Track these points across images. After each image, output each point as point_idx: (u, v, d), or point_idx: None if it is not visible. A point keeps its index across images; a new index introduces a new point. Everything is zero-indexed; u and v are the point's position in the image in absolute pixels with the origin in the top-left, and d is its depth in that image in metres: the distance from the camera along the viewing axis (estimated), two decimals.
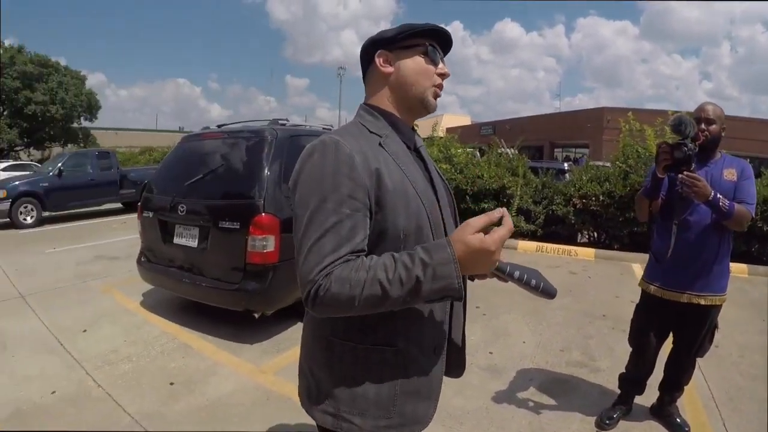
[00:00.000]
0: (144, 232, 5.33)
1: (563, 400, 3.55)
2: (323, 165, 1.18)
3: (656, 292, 2.93)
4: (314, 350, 1.38)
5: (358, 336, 1.28)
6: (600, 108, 33.74)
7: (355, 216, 1.16)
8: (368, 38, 1.39)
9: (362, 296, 1.09)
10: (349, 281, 1.09)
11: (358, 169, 1.17)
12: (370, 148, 1.25)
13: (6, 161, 27.89)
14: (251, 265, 4.28)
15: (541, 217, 9.36)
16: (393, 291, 1.08)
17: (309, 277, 1.12)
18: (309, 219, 1.16)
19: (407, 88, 1.35)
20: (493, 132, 35.97)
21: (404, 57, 1.34)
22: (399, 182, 1.24)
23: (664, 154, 2.56)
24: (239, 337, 4.65)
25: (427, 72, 1.35)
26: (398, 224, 1.22)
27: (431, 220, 1.28)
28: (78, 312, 5.43)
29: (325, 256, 1.11)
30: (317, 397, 1.36)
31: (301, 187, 1.21)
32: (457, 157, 10.64)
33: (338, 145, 1.20)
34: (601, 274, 7.21)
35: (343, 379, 1.30)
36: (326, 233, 1.13)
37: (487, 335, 4.74)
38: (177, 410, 3.42)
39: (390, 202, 1.21)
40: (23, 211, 12.07)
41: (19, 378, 3.89)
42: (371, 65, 1.39)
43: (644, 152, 8.61)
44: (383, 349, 1.28)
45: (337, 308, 1.12)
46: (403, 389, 1.29)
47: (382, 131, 1.33)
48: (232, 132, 5.14)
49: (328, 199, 1.15)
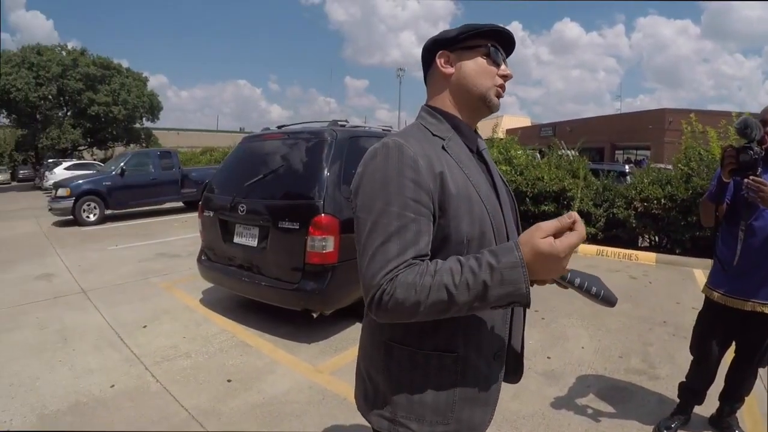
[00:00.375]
0: (204, 231, 5.43)
1: (621, 407, 3.45)
2: (386, 168, 1.16)
3: (720, 299, 2.82)
4: (372, 354, 1.36)
5: (417, 341, 1.25)
6: (661, 109, 32.90)
7: (419, 220, 1.13)
8: (430, 38, 1.36)
9: (428, 301, 1.05)
10: (415, 286, 1.05)
11: (422, 172, 1.15)
12: (433, 151, 1.22)
13: (70, 160, 29.01)
14: (310, 265, 4.30)
15: (602, 220, 9.13)
16: (459, 296, 1.04)
17: (373, 281, 1.09)
18: (373, 223, 1.14)
19: (469, 88, 1.32)
20: (553, 133, 35.47)
21: (466, 58, 1.31)
22: (463, 187, 1.21)
23: (730, 158, 2.48)
24: (297, 336, 4.69)
25: (488, 72, 1.32)
26: (461, 230, 1.19)
27: (494, 225, 1.24)
28: (139, 308, 5.60)
29: (389, 260, 1.09)
30: (374, 401, 1.35)
31: (364, 191, 1.19)
32: (518, 159, 10.56)
33: (402, 147, 1.17)
34: (662, 280, 6.99)
35: (400, 384, 1.28)
36: (391, 237, 1.11)
37: (545, 339, 4.65)
38: (233, 407, 3.46)
39: (453, 207, 1.18)
40: (86, 208, 12.59)
41: (80, 371, 4.01)
42: (432, 66, 1.36)
43: (707, 155, 8.34)
44: (442, 354, 1.25)
45: (401, 313, 1.09)
46: (461, 395, 1.27)
47: (445, 134, 1.30)
48: (292, 133, 5.18)
49: (393, 203, 1.13)
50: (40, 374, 3.94)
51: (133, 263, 7.97)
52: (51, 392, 3.64)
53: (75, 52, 36.33)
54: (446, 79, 1.33)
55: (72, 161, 28.32)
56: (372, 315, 1.15)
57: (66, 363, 4.15)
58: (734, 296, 2.75)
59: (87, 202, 12.65)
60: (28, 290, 6.37)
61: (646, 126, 32.63)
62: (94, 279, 6.92)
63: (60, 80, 34.01)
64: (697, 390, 3.12)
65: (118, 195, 13.29)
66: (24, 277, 7.11)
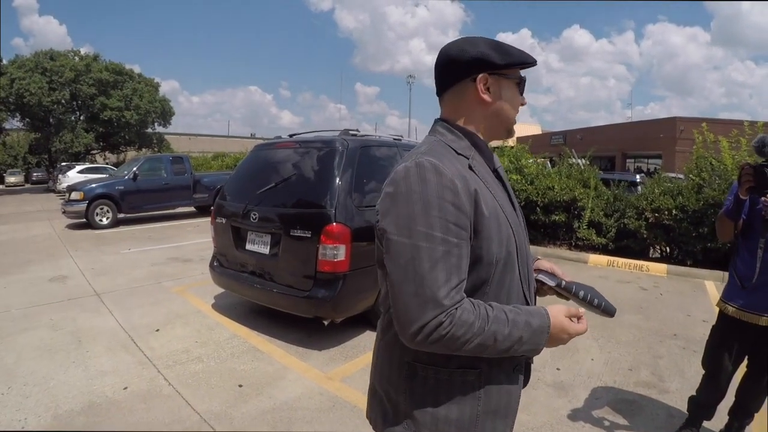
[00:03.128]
0: (217, 237, 5.48)
1: (630, 420, 3.45)
2: (426, 190, 1.13)
3: (734, 313, 2.81)
4: (391, 375, 1.34)
5: (443, 360, 1.24)
6: (673, 118, 32.69)
7: (461, 245, 1.14)
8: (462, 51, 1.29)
9: (476, 342, 1.12)
10: (472, 327, 1.11)
11: (461, 195, 1.14)
12: (465, 171, 1.21)
13: (83, 164, 29.25)
14: (322, 273, 4.33)
15: (613, 231, 9.10)
16: (501, 345, 1.15)
17: (425, 312, 1.09)
18: (416, 247, 1.12)
19: (502, 119, 1.33)
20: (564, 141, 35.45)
21: (505, 86, 1.31)
22: (492, 207, 1.21)
23: (747, 176, 2.47)
24: (308, 343, 4.72)
25: (517, 104, 1.35)
26: (492, 251, 1.20)
27: (518, 244, 1.27)
28: (151, 311, 5.65)
29: (439, 288, 1.09)
30: (394, 420, 1.33)
31: (400, 213, 1.16)
32: (528, 168, 10.54)
33: (438, 168, 1.15)
34: (672, 291, 6.96)
35: (424, 402, 1.27)
36: (437, 264, 1.10)
37: (555, 351, 4.60)
38: (244, 412, 3.49)
39: (486, 229, 1.18)
40: (99, 212, 12.72)
41: (93, 373, 4.07)
42: (463, 83, 1.30)
43: (718, 165, 8.28)
44: (466, 371, 1.25)
45: (448, 347, 1.12)
46: (484, 409, 1.27)
47: (468, 152, 1.28)
48: (303, 142, 5.22)
49: (436, 227, 1.11)
50: (54, 375, 4.00)
51: (146, 267, 8.03)
52: (65, 393, 3.70)
53: (88, 57, 36.76)
54: (482, 104, 1.31)
55: (85, 165, 28.57)
56: (410, 343, 1.15)
57: (80, 364, 4.21)
58: (749, 311, 2.74)
59: (100, 205, 12.78)
60: (42, 292, 6.44)
61: (657, 135, 32.45)
62: (107, 282, 6.99)
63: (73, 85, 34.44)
64: (707, 404, 3.10)
65: (130, 199, 13.42)
66: (38, 278, 7.19)
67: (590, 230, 9.25)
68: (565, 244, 9.94)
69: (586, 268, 8.51)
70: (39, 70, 33.26)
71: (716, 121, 25.80)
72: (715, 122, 22.89)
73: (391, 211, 1.18)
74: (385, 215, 1.20)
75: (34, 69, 33.15)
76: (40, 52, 35.13)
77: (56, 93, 33.65)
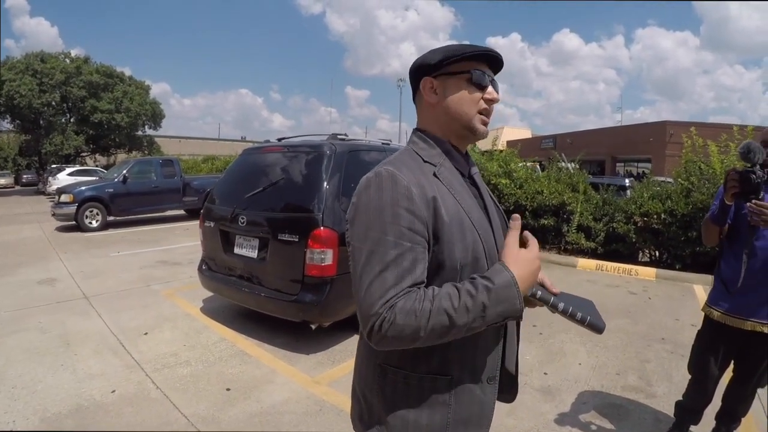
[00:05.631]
0: (205, 241, 5.49)
1: (617, 425, 3.46)
2: (381, 198, 1.17)
3: (720, 318, 2.81)
4: (367, 376, 1.37)
5: (411, 364, 1.26)
6: (662, 122, 32.82)
7: (415, 248, 1.15)
8: (415, 60, 1.36)
9: (428, 326, 1.09)
10: (414, 312, 1.08)
11: (416, 201, 1.16)
12: (425, 178, 1.23)
13: (73, 166, 29.15)
14: (309, 277, 4.34)
15: (602, 235, 9.13)
16: (459, 319, 1.09)
17: (372, 310, 1.11)
18: (370, 252, 1.15)
19: (454, 117, 1.33)
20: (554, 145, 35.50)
21: (450, 84, 1.31)
22: (455, 214, 1.22)
23: (732, 182, 2.47)
24: (295, 347, 4.72)
25: (472, 100, 1.31)
26: (454, 256, 1.21)
27: (486, 250, 1.26)
28: (140, 315, 5.64)
29: (387, 289, 1.11)
30: (369, 422, 1.36)
31: (360, 220, 1.20)
32: (517, 172, 10.56)
33: (395, 177, 1.19)
34: (661, 295, 6.99)
35: (395, 405, 1.29)
36: (388, 266, 1.12)
37: (543, 355, 4.67)
38: (231, 415, 3.50)
39: (446, 235, 1.20)
40: (89, 215, 12.69)
41: (82, 376, 4.06)
42: (418, 92, 1.38)
43: (707, 169, 8.32)
44: (436, 377, 1.26)
45: (401, 340, 1.11)
46: (455, 417, 1.27)
47: (436, 160, 1.31)
48: (292, 146, 5.24)
49: (389, 232, 1.14)
50: (42, 377, 4.00)
51: (135, 270, 8.02)
52: (53, 396, 3.70)
53: (78, 59, 36.71)
54: (431, 108, 1.35)
55: (75, 167, 28.51)
56: (371, 344, 1.16)
57: (68, 367, 4.21)
58: (734, 315, 2.74)
59: (90, 208, 12.75)
60: (31, 294, 6.43)
61: (647, 138, 32.59)
62: (96, 285, 6.97)
63: (63, 87, 34.39)
64: (694, 409, 3.11)
65: (120, 202, 13.40)
66: (27, 281, 7.17)
67: (579, 234, 9.28)
68: (554, 248, 9.97)
69: (575, 272, 8.54)
70: (29, 72, 33.16)
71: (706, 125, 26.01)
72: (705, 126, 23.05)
73: (354, 220, 1.22)
74: (350, 224, 1.25)
75: (25, 71, 33.05)
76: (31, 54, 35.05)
77: (47, 95, 33.56)
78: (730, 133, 8.62)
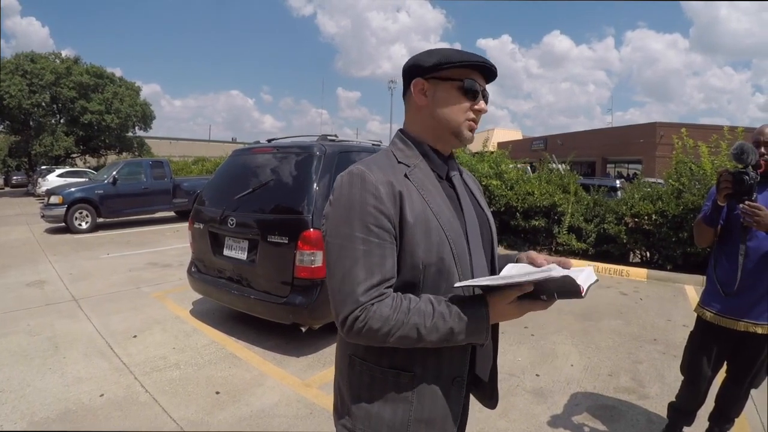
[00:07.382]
0: (195, 243, 5.45)
1: (609, 426, 3.46)
2: (350, 195, 1.22)
3: (712, 318, 2.81)
4: (340, 366, 1.42)
5: (375, 357, 1.30)
6: (652, 123, 33.07)
7: (383, 245, 1.20)
8: (410, 58, 1.37)
9: (397, 335, 1.17)
10: (389, 320, 1.16)
11: (383, 199, 1.21)
12: (395, 178, 1.26)
13: (62, 168, 29.00)
14: (299, 279, 4.32)
15: (593, 236, 9.17)
16: (427, 336, 1.18)
17: (345, 306, 1.18)
18: (340, 247, 1.21)
19: (441, 122, 1.34)
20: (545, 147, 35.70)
21: (440, 89, 1.33)
22: (420, 213, 1.25)
23: (725, 183, 2.48)
24: (285, 349, 4.70)
25: (461, 108, 1.33)
26: (416, 255, 1.24)
27: (455, 252, 1.28)
28: (129, 317, 5.61)
29: (358, 283, 1.17)
30: (340, 411, 1.41)
31: (332, 216, 1.25)
32: (508, 174, 10.60)
33: (364, 175, 1.23)
34: (653, 296, 7.01)
35: (360, 397, 1.33)
36: (357, 261, 1.18)
37: (535, 357, 4.66)
38: (221, 419, 3.48)
39: (408, 234, 1.23)
40: (78, 216, 12.64)
41: (70, 379, 4.04)
42: (408, 92, 1.39)
43: (698, 170, 8.35)
44: (399, 373, 1.29)
45: (369, 339, 1.19)
46: (416, 416, 1.29)
47: (411, 161, 1.33)
48: (281, 147, 5.21)
49: (357, 228, 1.19)
50: (30, 381, 3.97)
51: (125, 272, 7.97)
52: (41, 399, 3.67)
53: (68, 60, 36.44)
54: (420, 109, 1.36)
55: (65, 168, 28.36)
56: (341, 333, 1.22)
57: (56, 371, 4.18)
58: (727, 316, 2.74)
59: (79, 209, 12.69)
60: (19, 297, 6.39)
61: (637, 140, 32.84)
62: (85, 287, 6.93)
63: (53, 88, 34.10)
64: (687, 410, 3.10)
65: (110, 203, 13.33)
66: (16, 283, 7.12)
67: (570, 235, 9.32)
68: (546, 250, 9.96)
69: None
70: (19, 73, 32.86)
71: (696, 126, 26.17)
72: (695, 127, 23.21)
73: (328, 216, 1.28)
74: (325, 219, 1.30)
75: (15, 71, 32.75)
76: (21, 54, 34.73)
77: (36, 96, 33.27)
78: (720, 134, 8.66)
